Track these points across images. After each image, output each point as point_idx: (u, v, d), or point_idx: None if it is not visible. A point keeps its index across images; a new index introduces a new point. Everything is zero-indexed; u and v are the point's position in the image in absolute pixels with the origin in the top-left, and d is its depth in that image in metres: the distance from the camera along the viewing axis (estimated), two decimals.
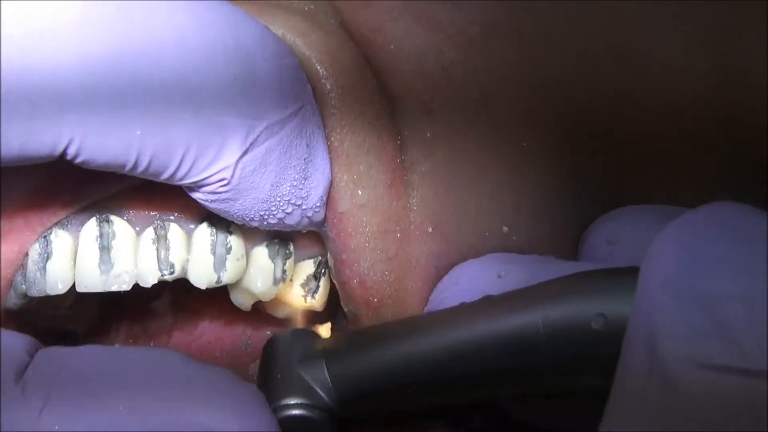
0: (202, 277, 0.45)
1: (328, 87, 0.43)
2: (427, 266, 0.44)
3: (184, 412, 0.37)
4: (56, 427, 0.36)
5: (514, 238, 0.45)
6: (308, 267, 0.47)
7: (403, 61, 0.44)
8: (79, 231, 0.45)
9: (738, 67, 0.45)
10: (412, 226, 0.44)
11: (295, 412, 0.39)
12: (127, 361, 0.39)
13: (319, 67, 0.43)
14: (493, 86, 0.44)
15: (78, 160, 0.38)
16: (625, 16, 0.44)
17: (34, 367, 0.38)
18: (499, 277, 0.41)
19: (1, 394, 0.36)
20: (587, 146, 0.46)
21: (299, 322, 0.48)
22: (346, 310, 0.46)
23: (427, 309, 0.44)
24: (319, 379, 0.40)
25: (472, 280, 0.42)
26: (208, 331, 0.52)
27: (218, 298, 0.50)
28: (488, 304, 0.38)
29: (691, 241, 0.31)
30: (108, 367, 0.38)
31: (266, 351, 0.43)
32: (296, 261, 0.47)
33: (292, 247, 0.47)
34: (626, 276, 0.34)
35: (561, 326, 0.35)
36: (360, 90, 0.44)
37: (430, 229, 0.44)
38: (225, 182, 0.40)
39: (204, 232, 0.45)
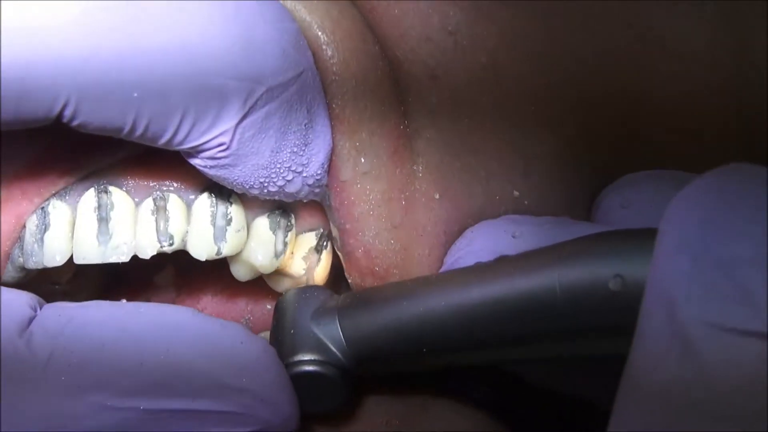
0: (201, 248, 0.44)
1: (329, 53, 0.43)
2: (436, 233, 0.44)
3: (194, 365, 0.36)
4: (62, 378, 0.35)
5: (526, 202, 0.44)
6: (310, 239, 0.47)
7: (408, 25, 0.43)
8: (77, 202, 0.44)
9: (753, 61, 0.45)
10: (417, 194, 0.44)
11: (308, 368, 0.39)
12: (136, 314, 0.38)
13: (320, 33, 0.43)
14: (501, 50, 0.43)
15: (74, 123, 0.37)
16: (647, 4, 0.43)
17: (39, 320, 0.38)
18: (514, 237, 0.41)
19: (5, 348, 0.36)
20: (600, 115, 0.45)
21: None
22: (350, 280, 0.45)
23: (441, 269, 0.43)
24: (332, 335, 0.39)
25: (486, 241, 0.41)
26: (210, 306, 0.52)
27: (220, 273, 0.49)
28: (504, 264, 0.37)
29: (709, 205, 0.30)
30: (115, 321, 0.38)
31: (279, 307, 0.43)
32: (297, 233, 0.47)
33: (293, 219, 0.46)
34: (643, 237, 0.33)
35: (578, 287, 0.34)
36: (362, 56, 0.43)
37: (437, 196, 0.44)
38: (224, 147, 0.39)
39: (204, 202, 0.45)
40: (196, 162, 0.41)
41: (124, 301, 0.41)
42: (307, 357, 0.39)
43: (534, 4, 0.43)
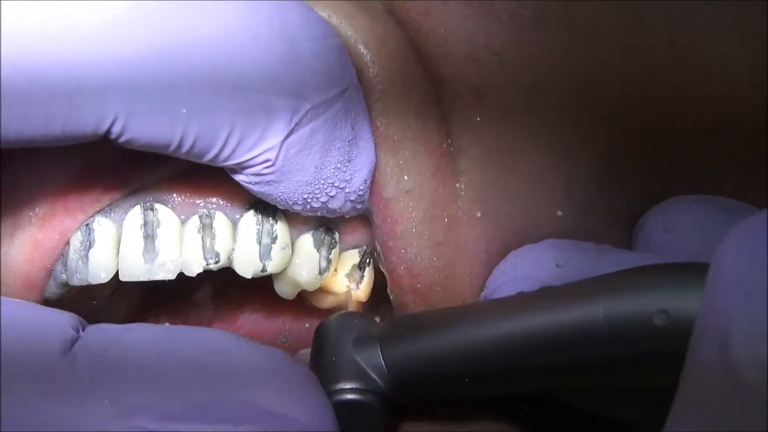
0: (247, 266, 0.45)
1: (374, 72, 0.43)
2: (477, 251, 0.44)
3: (237, 391, 0.36)
4: (105, 401, 0.35)
5: (570, 222, 0.45)
6: (353, 257, 0.47)
7: (453, 44, 0.43)
8: (122, 219, 0.44)
9: None
10: (459, 212, 0.44)
11: (350, 396, 0.39)
12: (179, 338, 0.38)
13: (364, 51, 0.43)
14: (545, 71, 0.44)
15: (122, 140, 0.37)
16: (682, 12, 0.44)
17: (83, 341, 0.37)
18: (558, 266, 0.41)
19: (48, 367, 0.36)
20: (639, 134, 0.46)
21: None
22: (392, 298, 0.45)
23: (483, 294, 0.44)
24: (373, 363, 0.40)
25: (530, 268, 0.42)
26: (247, 323, 0.52)
27: (258, 289, 0.50)
28: (548, 294, 0.38)
29: (766, 244, 0.30)
30: (159, 345, 0.38)
31: (318, 334, 0.43)
32: (341, 250, 0.47)
33: (337, 237, 0.47)
34: (690, 272, 0.34)
35: (623, 321, 0.34)
36: (406, 75, 0.44)
37: (479, 214, 0.44)
38: (269, 163, 0.40)
39: (250, 220, 0.45)
40: (240, 178, 0.41)
41: (167, 324, 0.41)
42: (349, 385, 0.39)
43: (578, 26, 0.44)
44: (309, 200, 0.42)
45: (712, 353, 0.30)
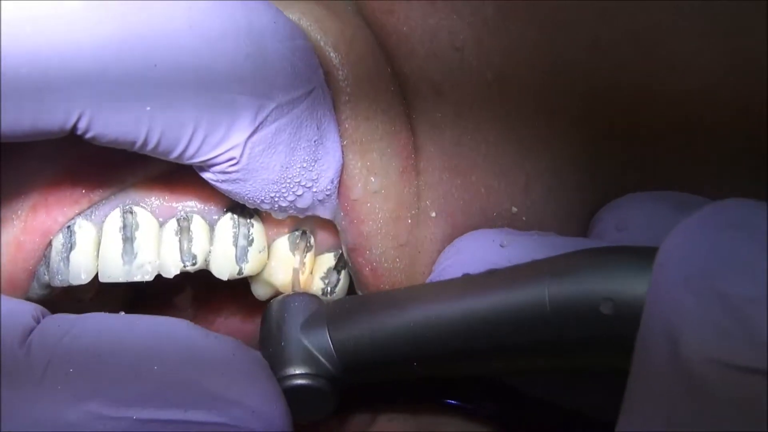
0: (224, 268, 0.45)
1: (343, 74, 0.44)
2: (433, 251, 0.45)
3: (188, 377, 0.37)
4: (59, 387, 0.36)
5: (524, 218, 0.45)
6: (328, 260, 0.48)
7: (415, 41, 0.44)
8: (103, 222, 0.45)
9: (750, 58, 0.45)
10: (420, 212, 0.45)
11: (299, 381, 0.40)
12: (132, 326, 0.39)
13: (333, 54, 0.44)
14: (507, 67, 0.44)
15: (88, 135, 0.38)
16: (646, 7, 0.44)
17: (39, 330, 0.38)
18: (502, 246, 0.41)
19: (5, 355, 0.37)
20: (601, 130, 0.46)
21: None
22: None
23: (430, 278, 0.44)
24: (322, 347, 0.40)
25: (474, 249, 0.42)
26: (226, 325, 0.53)
27: (236, 292, 0.51)
28: (494, 276, 0.38)
29: (711, 239, 0.31)
30: (113, 332, 0.38)
31: (267, 316, 0.43)
32: (317, 254, 0.48)
33: (312, 240, 0.47)
34: (635, 256, 0.34)
35: (568, 305, 0.34)
36: (374, 77, 0.44)
37: (433, 214, 0.44)
38: (234, 161, 0.40)
39: (226, 223, 0.46)
40: (207, 176, 0.42)
41: (122, 313, 0.42)
42: (298, 371, 0.40)
43: (542, 21, 0.44)
44: (276, 199, 0.43)
45: (661, 352, 0.30)
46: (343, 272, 0.48)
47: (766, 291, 0.29)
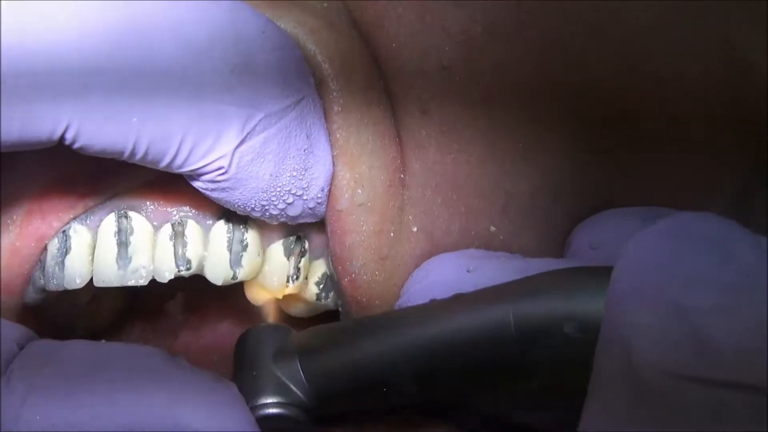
0: (218, 273, 0.45)
1: (336, 86, 0.44)
2: (411, 266, 0.44)
3: (162, 408, 0.37)
4: (38, 417, 0.36)
5: (501, 237, 0.45)
6: (323, 265, 0.48)
7: (404, 58, 0.43)
8: (98, 226, 0.46)
9: (742, 57, 0.45)
10: (403, 227, 0.45)
11: (272, 410, 0.40)
12: (110, 355, 0.39)
13: (327, 66, 0.44)
14: (494, 87, 0.44)
15: (76, 145, 0.38)
16: (638, 28, 0.44)
17: (21, 357, 0.38)
18: (468, 271, 0.41)
19: None
20: (587, 147, 0.45)
21: (317, 320, 0.48)
22: (339, 305, 0.46)
23: (398, 302, 0.44)
24: (293, 376, 0.40)
25: (441, 274, 0.42)
26: (217, 330, 0.53)
27: (231, 298, 0.51)
28: (459, 300, 0.38)
29: (663, 251, 0.31)
30: (90, 361, 0.38)
31: (240, 346, 0.43)
32: (311, 259, 0.48)
33: (307, 245, 0.47)
34: (595, 276, 0.34)
35: (532, 327, 0.34)
36: (367, 91, 0.44)
37: (414, 229, 0.44)
38: (223, 171, 0.41)
39: (221, 228, 0.46)
40: (197, 185, 0.42)
41: (103, 341, 0.42)
42: (270, 400, 0.40)
43: (529, 41, 0.44)
44: (267, 207, 0.43)
45: (616, 363, 0.30)
46: None
47: (717, 301, 0.29)
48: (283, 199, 0.43)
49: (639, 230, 0.32)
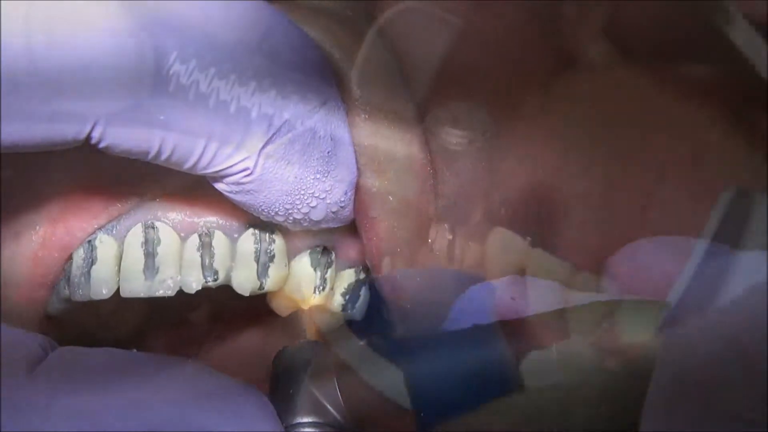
0: (245, 284, 0.45)
1: (361, 94, 0.44)
2: (449, 274, 0.45)
3: (192, 417, 0.36)
4: (63, 416, 0.35)
5: (536, 248, 0.44)
6: (349, 276, 0.48)
7: (432, 67, 0.43)
8: (124, 237, 0.45)
9: None
10: (438, 235, 0.45)
11: (307, 430, 0.40)
12: (137, 361, 0.39)
13: (352, 73, 0.44)
14: (525, 95, 0.43)
15: (102, 144, 0.38)
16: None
17: (47, 362, 0.38)
18: (513, 299, 0.41)
19: (12, 383, 0.36)
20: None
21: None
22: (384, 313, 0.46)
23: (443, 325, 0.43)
24: (330, 396, 0.40)
25: (484, 300, 0.42)
26: (237, 342, 0.53)
27: (252, 308, 0.51)
28: (500, 329, 0.38)
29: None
30: (117, 365, 0.38)
31: (276, 364, 0.43)
32: (338, 270, 0.48)
33: (333, 256, 0.48)
34: (645, 309, 0.34)
35: (574, 361, 0.35)
36: (394, 99, 0.44)
37: (450, 237, 0.45)
38: (248, 172, 0.40)
39: (248, 239, 0.46)
40: (221, 187, 0.42)
41: (134, 350, 0.42)
42: (306, 419, 0.40)
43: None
44: (290, 210, 0.43)
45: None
46: (363, 288, 0.48)
47: None
48: (307, 202, 0.43)
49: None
